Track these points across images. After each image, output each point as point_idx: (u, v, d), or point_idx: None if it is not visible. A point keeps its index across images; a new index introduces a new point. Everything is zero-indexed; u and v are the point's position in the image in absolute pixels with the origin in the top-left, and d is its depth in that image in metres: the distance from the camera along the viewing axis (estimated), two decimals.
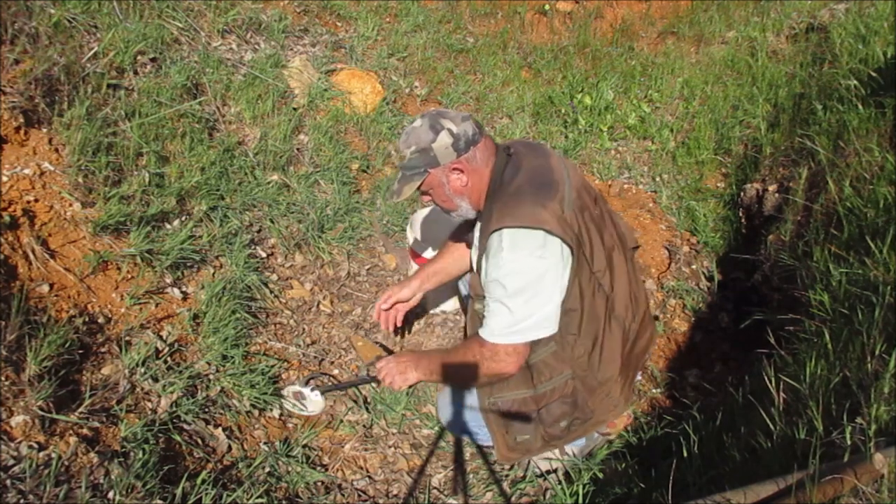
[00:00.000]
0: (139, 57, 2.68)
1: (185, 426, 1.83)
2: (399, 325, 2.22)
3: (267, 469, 1.88)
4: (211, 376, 2.01)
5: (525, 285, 1.62)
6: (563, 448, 1.96)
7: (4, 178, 1.93)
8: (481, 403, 1.91)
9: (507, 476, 2.10)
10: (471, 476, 2.11)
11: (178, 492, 1.54)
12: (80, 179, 2.09)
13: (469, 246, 2.10)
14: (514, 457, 1.95)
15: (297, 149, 3.11)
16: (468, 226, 2.06)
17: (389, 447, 2.19)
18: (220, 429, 1.90)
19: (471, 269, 2.07)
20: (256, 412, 2.05)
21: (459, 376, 1.90)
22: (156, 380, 1.84)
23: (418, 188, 1.76)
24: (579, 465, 1.99)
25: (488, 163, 1.74)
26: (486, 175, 1.74)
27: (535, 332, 1.69)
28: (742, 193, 3.34)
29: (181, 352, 2.01)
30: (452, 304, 2.75)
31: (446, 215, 1.93)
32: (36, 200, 1.95)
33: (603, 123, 4.15)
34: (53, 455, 1.43)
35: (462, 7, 4.86)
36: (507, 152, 1.77)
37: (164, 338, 1.99)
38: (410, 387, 2.07)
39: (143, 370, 1.83)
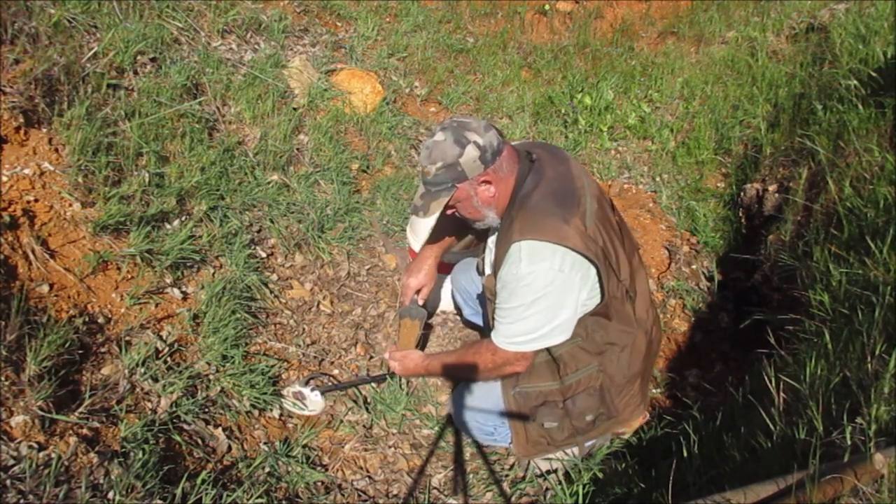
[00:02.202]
0: (139, 57, 2.68)
1: (185, 426, 1.83)
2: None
3: (267, 469, 1.88)
4: (211, 376, 2.01)
5: (540, 297, 1.63)
6: (582, 445, 1.97)
7: (4, 178, 1.93)
8: (504, 394, 1.92)
9: (507, 476, 2.11)
10: (471, 476, 2.11)
11: (178, 492, 1.54)
12: (80, 179, 2.09)
13: (462, 237, 2.16)
14: (532, 451, 1.96)
15: (297, 149, 3.11)
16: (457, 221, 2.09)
17: (389, 447, 2.19)
18: (220, 429, 1.90)
19: (479, 271, 2.10)
20: (256, 412, 2.05)
21: (465, 377, 1.97)
22: (156, 380, 1.84)
23: (447, 204, 1.72)
24: (579, 465, 1.99)
25: (513, 171, 1.71)
26: (511, 183, 1.72)
27: (546, 340, 1.72)
28: (742, 193, 3.33)
29: (181, 352, 2.01)
30: (452, 305, 2.75)
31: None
32: (36, 200, 1.95)
33: (603, 123, 4.15)
34: (53, 455, 1.43)
35: (462, 7, 4.86)
36: (530, 158, 1.75)
37: (164, 338, 1.99)
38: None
39: (143, 370, 1.83)
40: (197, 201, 2.44)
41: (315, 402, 2.17)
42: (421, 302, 2.22)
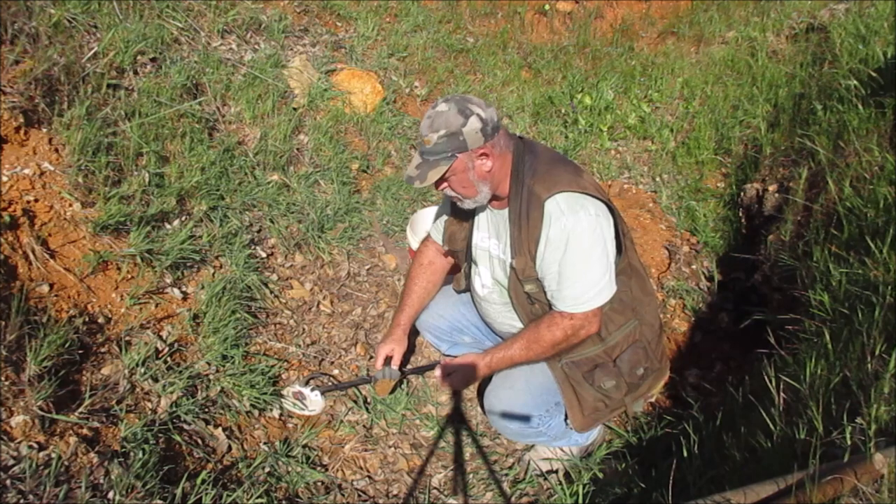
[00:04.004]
0: (139, 57, 2.68)
1: (185, 426, 1.83)
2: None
3: (267, 469, 1.88)
4: (211, 376, 2.01)
5: (593, 244, 1.70)
6: (631, 406, 1.96)
7: (4, 178, 1.93)
8: (553, 371, 1.90)
9: (507, 476, 2.11)
10: (471, 476, 2.11)
11: (178, 492, 1.54)
12: (80, 179, 2.09)
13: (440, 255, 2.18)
14: (590, 421, 1.93)
15: (297, 149, 3.11)
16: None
17: (389, 447, 2.19)
18: (220, 429, 1.90)
19: (456, 290, 2.13)
20: (256, 412, 2.05)
21: (536, 359, 1.89)
22: (156, 380, 1.84)
23: (444, 173, 1.71)
24: (579, 465, 1.99)
25: (509, 148, 1.77)
26: (508, 160, 1.77)
27: (608, 290, 1.77)
28: (742, 193, 3.34)
29: (181, 352, 2.01)
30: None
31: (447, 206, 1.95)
32: (36, 200, 1.95)
33: (603, 123, 4.15)
34: (53, 455, 1.43)
35: (462, 7, 4.86)
36: (519, 138, 1.85)
37: (164, 338, 1.99)
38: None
39: (143, 370, 1.83)
40: (197, 201, 2.44)
41: (315, 402, 2.17)
42: (395, 366, 2.13)
